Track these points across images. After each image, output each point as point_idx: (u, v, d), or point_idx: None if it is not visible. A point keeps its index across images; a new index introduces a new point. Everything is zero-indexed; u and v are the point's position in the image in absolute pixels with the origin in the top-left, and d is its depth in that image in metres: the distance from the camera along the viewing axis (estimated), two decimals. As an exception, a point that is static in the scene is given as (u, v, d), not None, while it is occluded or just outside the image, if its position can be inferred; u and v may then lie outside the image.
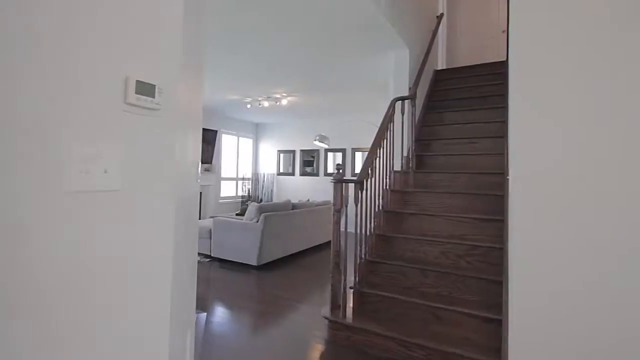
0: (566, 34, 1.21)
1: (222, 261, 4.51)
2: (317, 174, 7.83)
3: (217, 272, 4.06)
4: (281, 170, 8.35)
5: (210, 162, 7.26)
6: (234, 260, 4.38)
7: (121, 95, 0.86)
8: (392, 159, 3.26)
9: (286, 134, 8.31)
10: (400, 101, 3.34)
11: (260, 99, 5.79)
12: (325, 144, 5.78)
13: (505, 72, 4.23)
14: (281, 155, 8.36)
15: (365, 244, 2.77)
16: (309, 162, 7.98)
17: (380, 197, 3.08)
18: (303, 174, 8.03)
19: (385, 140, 3.08)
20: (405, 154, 3.43)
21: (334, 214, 2.59)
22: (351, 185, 2.64)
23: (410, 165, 3.39)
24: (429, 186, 3.28)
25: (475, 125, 3.69)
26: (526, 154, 1.25)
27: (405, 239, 2.80)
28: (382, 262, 2.71)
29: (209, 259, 4.58)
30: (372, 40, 3.37)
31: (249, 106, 6.05)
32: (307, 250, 5.21)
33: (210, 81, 4.87)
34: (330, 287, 2.60)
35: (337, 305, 2.55)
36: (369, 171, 2.75)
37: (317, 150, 7.83)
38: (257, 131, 8.75)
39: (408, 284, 2.60)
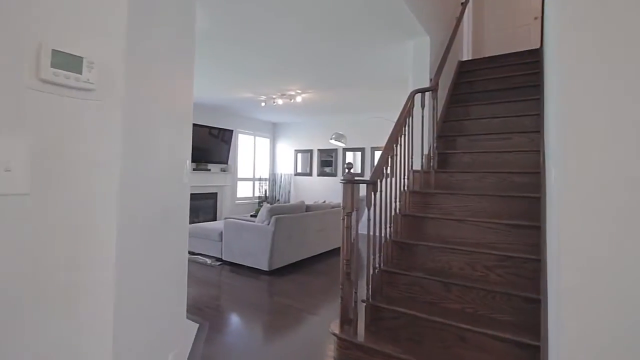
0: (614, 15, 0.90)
1: (232, 265, 4.34)
2: (335, 174, 7.57)
3: (227, 277, 3.89)
4: (299, 171, 8.15)
5: (226, 162, 7.16)
6: (245, 264, 4.19)
7: (30, 69, 0.66)
8: (411, 157, 2.96)
9: (303, 133, 8.11)
10: (419, 93, 3.03)
11: (274, 96, 5.60)
12: (342, 142, 5.51)
13: (540, 61, 3.82)
14: (299, 155, 8.16)
15: (380, 252, 2.49)
16: (327, 162, 7.73)
17: (397, 200, 2.79)
18: (321, 174, 7.80)
19: (403, 137, 2.78)
20: (425, 151, 3.12)
21: (343, 218, 2.32)
22: (364, 186, 2.37)
23: (432, 164, 3.07)
24: (453, 187, 2.95)
25: (505, 120, 3.32)
26: (574, 149, 0.95)
27: (425, 247, 2.50)
28: (399, 272, 2.42)
29: (219, 263, 4.42)
30: (389, 27, 3.08)
31: (263, 104, 5.87)
32: (322, 254, 4.97)
33: (221, 78, 4.72)
34: (340, 300, 2.34)
35: (347, 320, 2.29)
36: (384, 170, 2.47)
37: (335, 150, 7.57)
38: (274, 131, 8.60)
39: (428, 299, 2.29)
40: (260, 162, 8.29)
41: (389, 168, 2.54)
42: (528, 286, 2.11)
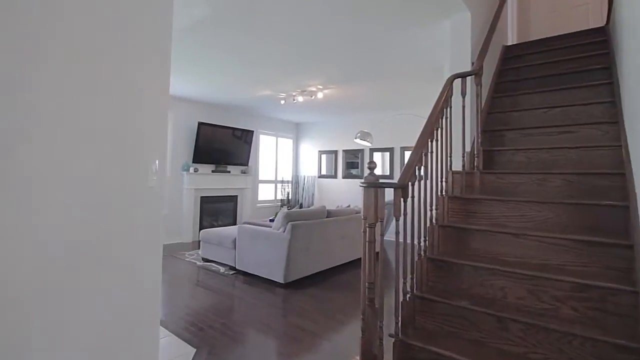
0: None
1: (246, 275, 3.97)
2: (361, 176, 7.07)
3: (238, 289, 3.52)
4: (323, 173, 7.73)
5: (247, 164, 6.86)
6: (259, 275, 3.81)
7: None
8: (450, 156, 2.44)
9: (327, 133, 7.68)
10: (459, 79, 2.51)
11: (294, 93, 5.21)
12: (368, 141, 5.02)
13: (609, 40, 3.17)
14: (322, 156, 7.74)
15: (413, 273, 2.00)
16: (353, 163, 7.26)
17: (434, 207, 2.28)
18: (346, 176, 7.33)
19: (439, 131, 2.28)
20: (467, 148, 2.59)
21: (364, 231, 1.86)
22: (389, 191, 1.89)
23: (476, 163, 2.54)
24: (504, 192, 2.40)
25: (567, 110, 2.71)
26: None
27: (471, 268, 1.98)
28: (436, 300, 1.92)
29: (233, 272, 4.07)
30: (421, 1, 2.58)
31: (282, 102, 5.51)
32: (344, 265, 4.50)
33: (239, 74, 4.39)
34: (361, 333, 1.87)
35: (371, 358, 1.82)
36: (417, 171, 1.98)
37: (362, 150, 7.08)
38: (297, 131, 8.24)
39: (476, 336, 1.78)
40: (283, 164, 7.95)
41: (422, 168, 2.05)
42: (619, 328, 1.55)
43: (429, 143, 2.13)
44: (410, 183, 1.88)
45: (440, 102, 2.28)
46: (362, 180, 1.85)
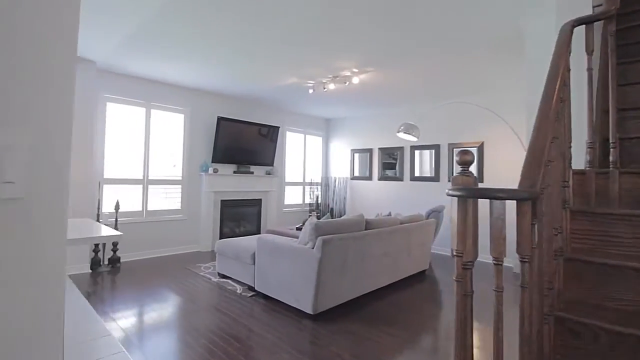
0: None
1: (267, 299, 3.25)
2: (400, 178, 6.19)
3: (254, 318, 2.80)
4: (356, 174, 6.91)
5: (272, 164, 6.19)
6: (282, 300, 3.07)
7: None
8: (569, 146, 1.57)
9: (361, 129, 6.86)
10: (583, 26, 1.63)
11: (324, 80, 4.45)
12: (414, 135, 4.17)
13: None
14: (356, 155, 6.93)
15: (529, 343, 1.16)
16: (391, 164, 6.38)
17: (558, 228, 1.42)
18: (383, 178, 6.47)
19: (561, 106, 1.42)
20: (588, 138, 1.70)
21: (458, 280, 1.04)
22: (483, 202, 1.07)
23: (612, 159, 1.64)
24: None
25: None
26: None
27: (623, 337, 1.11)
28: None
29: (252, 294, 3.37)
30: None
31: (311, 91, 4.77)
32: (385, 289, 3.67)
33: (259, 55, 3.69)
34: None
35: None
36: (541, 175, 1.14)
37: (401, 148, 6.19)
38: (327, 128, 7.48)
39: None
40: (312, 164, 7.22)
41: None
42: None
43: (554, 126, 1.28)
44: (541, 191, 1.05)
45: (560, 64, 1.42)
46: (452, 186, 1.04)
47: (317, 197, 6.96)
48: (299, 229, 4.87)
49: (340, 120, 7.25)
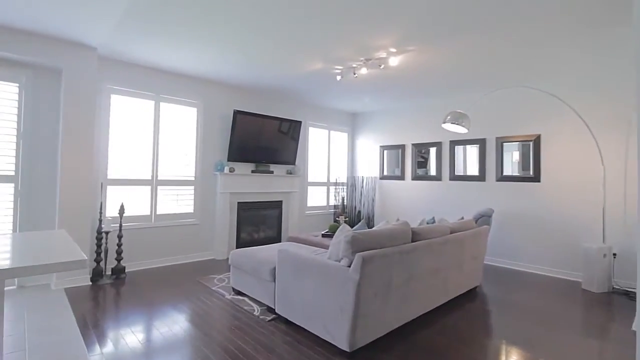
0: None
1: (289, 325, 2.66)
2: (438, 178, 5.47)
3: (273, 351, 2.20)
4: (385, 173, 6.24)
5: (294, 163, 5.61)
6: (308, 329, 2.47)
7: None
8: None
9: (392, 124, 6.17)
10: None
11: (355, 64, 3.82)
12: (464, 126, 3.47)
13: None
14: (385, 152, 6.25)
15: None
16: (424, 162, 5.68)
17: None
18: (417, 177, 5.77)
19: None
20: None
21: None
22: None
23: None
24: None
25: None
26: None
27: None
28: None
29: (271, 317, 2.78)
30: None
31: (339, 78, 4.14)
32: (436, 310, 3.00)
33: (280, 36, 3.11)
34: None
35: None
36: None
37: (439, 144, 5.48)
38: (353, 123, 6.84)
39: None
40: (337, 163, 6.60)
41: None
42: None
43: None
44: None
45: None
46: None
47: (343, 199, 6.33)
48: (325, 235, 4.26)
49: (367, 115, 6.59)
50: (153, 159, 4.23)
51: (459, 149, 5.25)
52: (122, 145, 4.01)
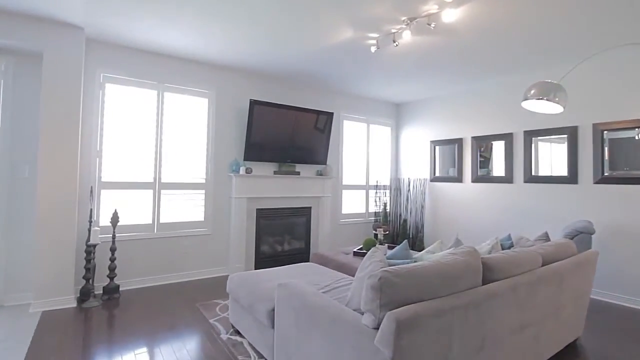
0: None
1: (291, 401, 1.78)
2: (508, 179, 4.26)
3: None
4: (437, 174, 5.13)
5: (325, 163, 4.75)
6: (314, 419, 1.58)
7: None
8: None
9: (447, 112, 5.05)
10: None
11: (395, 29, 2.87)
12: (558, 102, 2.35)
13: None
14: (438, 149, 5.14)
15: None
16: (488, 161, 4.50)
17: None
18: (479, 179, 4.59)
19: None
20: None
21: None
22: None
23: None
24: None
25: None
26: None
27: None
28: None
29: (268, 381, 1.94)
30: None
31: (374, 49, 3.20)
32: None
33: (298, 6, 2.28)
34: None
35: None
36: None
37: (508, 136, 4.27)
38: (397, 115, 5.81)
39: None
40: (378, 162, 5.61)
41: None
42: None
43: None
44: None
45: None
46: None
47: (385, 205, 5.32)
48: (357, 253, 3.34)
49: (414, 105, 5.52)
50: (156, 158, 3.62)
51: (539, 142, 4.01)
52: (119, 142, 3.44)
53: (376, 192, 5.45)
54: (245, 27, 2.94)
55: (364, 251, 3.33)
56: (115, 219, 3.23)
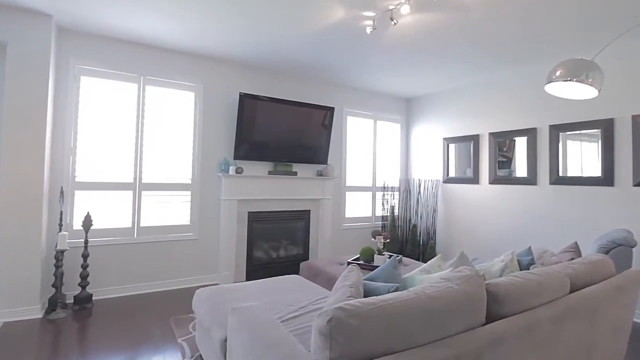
0: None
1: None
2: (532, 181, 3.75)
3: None
4: (451, 175, 4.65)
5: (325, 162, 4.38)
6: None
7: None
8: None
9: (461, 106, 4.57)
10: None
11: (392, 4, 2.46)
12: (590, 84, 1.88)
13: None
14: (451, 147, 4.67)
15: None
16: (505, 162, 3.99)
17: None
18: (498, 180, 4.09)
19: None
20: None
21: None
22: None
23: None
24: None
25: None
26: None
27: None
28: None
29: None
30: None
31: (369, 30, 2.79)
32: None
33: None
34: None
35: None
36: None
37: (531, 132, 3.75)
38: (408, 110, 5.36)
39: None
40: (386, 162, 5.18)
41: None
42: None
43: None
44: None
45: None
46: None
47: (393, 209, 4.89)
48: (366, 266, 2.94)
49: (426, 99, 5.06)
50: (136, 156, 3.36)
51: (567, 138, 3.48)
52: (96, 140, 3.20)
53: (384, 194, 5.02)
54: (223, 11, 2.61)
55: (360, 262, 2.93)
56: (87, 222, 2.98)
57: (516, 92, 3.90)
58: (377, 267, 2.84)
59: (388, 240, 3.05)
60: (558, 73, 1.96)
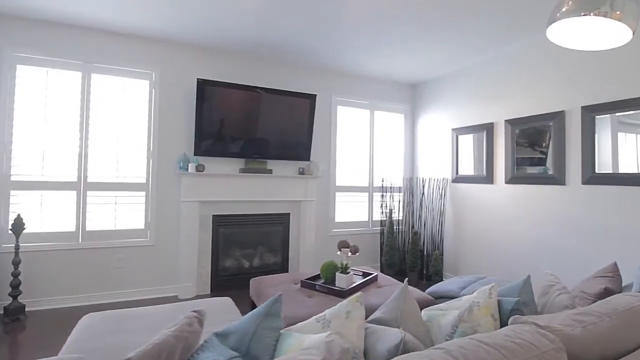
0: None
1: None
2: (559, 180, 2.91)
3: None
4: (461, 172, 3.87)
5: (308, 158, 3.80)
6: None
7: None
8: None
9: (473, 89, 3.78)
10: None
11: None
12: (620, 20, 1.16)
13: None
14: (461, 140, 3.88)
15: None
16: (533, 159, 3.15)
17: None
18: (517, 179, 3.27)
19: None
20: None
21: None
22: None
23: None
24: None
25: None
26: None
27: None
28: None
29: None
30: None
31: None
32: None
33: None
34: None
35: None
36: None
37: (558, 116, 2.91)
38: (413, 98, 4.62)
39: None
40: (386, 158, 4.48)
41: None
42: None
43: None
44: None
45: None
46: None
47: (391, 212, 4.19)
48: (306, 284, 2.34)
49: (432, 84, 4.30)
50: (81, 152, 3.01)
51: (604, 123, 2.62)
52: (35, 134, 2.88)
53: (382, 195, 4.34)
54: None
55: (314, 283, 2.32)
56: (18, 225, 2.66)
57: (535, 66, 3.07)
58: (340, 290, 2.22)
59: (357, 254, 2.42)
60: (565, 7, 1.25)
